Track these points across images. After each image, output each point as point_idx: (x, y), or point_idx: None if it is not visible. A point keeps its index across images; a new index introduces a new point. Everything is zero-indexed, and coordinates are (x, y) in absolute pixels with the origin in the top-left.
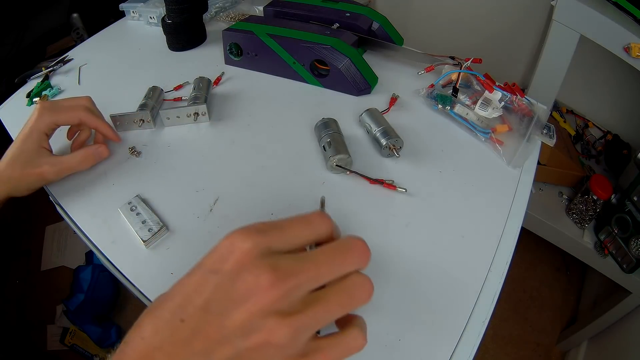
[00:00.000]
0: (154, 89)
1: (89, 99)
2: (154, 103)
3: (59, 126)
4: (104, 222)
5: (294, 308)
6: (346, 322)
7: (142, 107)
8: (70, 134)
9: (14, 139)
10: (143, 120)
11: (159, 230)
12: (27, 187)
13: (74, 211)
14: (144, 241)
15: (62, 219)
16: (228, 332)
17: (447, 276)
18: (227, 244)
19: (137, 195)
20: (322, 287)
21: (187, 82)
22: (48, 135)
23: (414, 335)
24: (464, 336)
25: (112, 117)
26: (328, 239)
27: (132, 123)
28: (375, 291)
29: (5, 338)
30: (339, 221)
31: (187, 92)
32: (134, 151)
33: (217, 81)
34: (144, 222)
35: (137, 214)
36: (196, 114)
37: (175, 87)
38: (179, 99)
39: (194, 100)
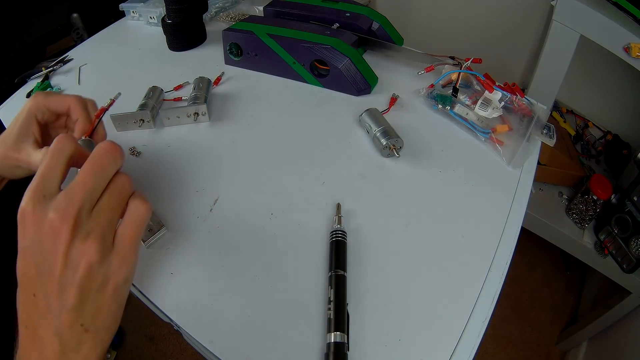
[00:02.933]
0: (154, 88)
1: (88, 99)
2: (154, 103)
3: (50, 112)
4: None
5: (89, 225)
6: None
7: (142, 107)
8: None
9: None
10: (143, 120)
11: (158, 231)
12: (9, 171)
13: None
14: (143, 241)
15: None
16: (62, 278)
17: (447, 276)
18: (19, 216)
19: None
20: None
21: (187, 82)
22: (39, 121)
23: (414, 335)
24: (464, 336)
25: (112, 117)
26: (82, 152)
27: (132, 123)
28: (375, 291)
29: (5, 338)
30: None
31: (187, 92)
32: (134, 151)
33: (217, 81)
34: None
35: None
36: (196, 114)
37: (175, 87)
38: (179, 99)
39: (194, 100)
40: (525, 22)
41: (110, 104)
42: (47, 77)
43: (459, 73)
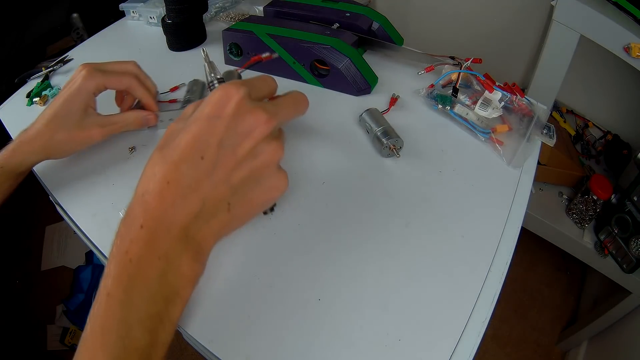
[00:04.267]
0: None
1: (136, 64)
2: None
3: (107, 89)
4: (104, 222)
5: (277, 133)
6: None
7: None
8: (118, 99)
9: (14, 138)
10: None
11: None
12: (71, 150)
13: (74, 211)
14: None
15: (62, 219)
16: (240, 158)
17: (447, 276)
18: (222, 94)
19: None
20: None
21: (183, 83)
22: (95, 96)
23: (414, 335)
24: (464, 336)
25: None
26: (274, 95)
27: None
28: (375, 291)
29: (5, 338)
30: (336, 220)
31: (182, 94)
32: (135, 150)
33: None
34: None
35: None
36: None
37: (171, 89)
38: (174, 101)
39: (186, 103)
40: (525, 22)
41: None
42: (47, 77)
43: (459, 73)
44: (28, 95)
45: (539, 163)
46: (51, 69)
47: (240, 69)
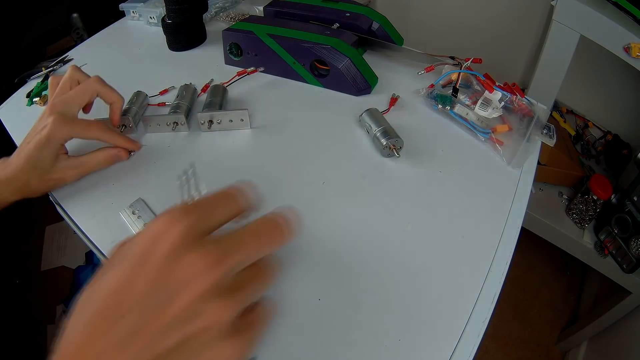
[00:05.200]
0: (138, 93)
1: (98, 80)
2: (137, 108)
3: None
4: (104, 222)
5: (229, 288)
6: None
7: (125, 112)
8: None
9: (14, 138)
10: (125, 126)
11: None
12: (48, 190)
13: (74, 211)
14: None
15: (62, 219)
16: (171, 321)
17: (447, 276)
18: (158, 226)
19: (139, 198)
20: None
21: (173, 86)
22: (65, 143)
23: (414, 335)
24: (464, 336)
25: (98, 121)
26: (249, 211)
27: (116, 128)
28: (375, 291)
29: (6, 338)
30: (339, 222)
31: (172, 97)
32: (134, 153)
33: (205, 88)
34: (144, 223)
35: (139, 216)
36: (175, 123)
37: (160, 92)
38: (163, 104)
39: (175, 109)
40: (525, 22)
41: None
42: (47, 77)
43: (459, 73)
44: (28, 95)
45: (539, 163)
46: (51, 69)
47: (226, 83)
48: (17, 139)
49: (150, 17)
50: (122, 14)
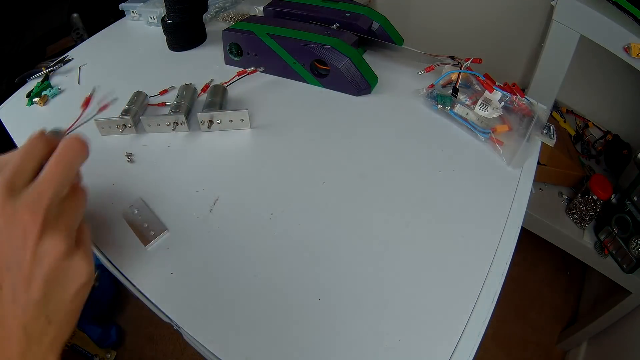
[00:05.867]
0: (138, 93)
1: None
2: (137, 108)
3: None
4: (104, 222)
5: (57, 220)
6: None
7: (125, 112)
8: None
9: (14, 138)
10: (125, 126)
11: (161, 234)
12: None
13: None
14: (144, 244)
15: None
16: (30, 272)
17: (447, 276)
18: None
19: (139, 198)
20: None
21: (173, 86)
22: None
23: (414, 335)
24: (464, 336)
25: (96, 122)
26: (54, 149)
27: (115, 128)
28: (375, 291)
29: None
30: (339, 222)
31: (172, 97)
32: (130, 157)
33: (205, 88)
34: (144, 223)
35: (139, 216)
36: (175, 123)
37: (160, 92)
38: (163, 104)
39: (175, 109)
40: (525, 22)
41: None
42: (47, 77)
43: (459, 73)
44: (28, 95)
45: (539, 163)
46: (51, 69)
47: (226, 83)
48: (17, 139)
49: (150, 17)
50: (122, 14)
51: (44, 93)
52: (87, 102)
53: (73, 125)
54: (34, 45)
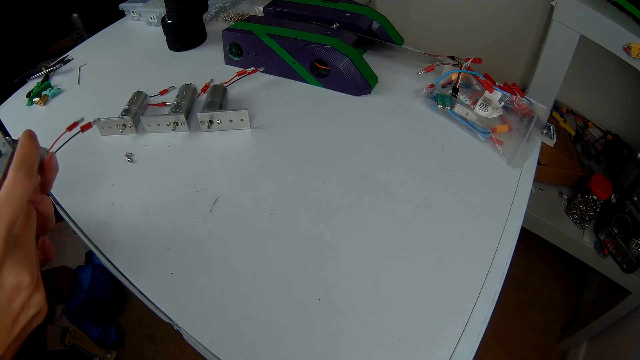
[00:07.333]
0: (138, 93)
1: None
2: (137, 108)
3: None
4: (104, 222)
5: (16, 245)
6: None
7: (125, 112)
8: None
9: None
10: (125, 126)
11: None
12: None
13: (74, 211)
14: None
15: (62, 219)
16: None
17: (447, 276)
18: None
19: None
20: None
21: (173, 86)
22: None
23: (414, 335)
24: (464, 336)
25: (96, 121)
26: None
27: (115, 128)
28: (375, 291)
29: None
30: (339, 222)
31: (172, 97)
32: (130, 157)
33: (205, 88)
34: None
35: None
36: (175, 123)
37: (160, 92)
38: (163, 104)
39: (175, 109)
40: (525, 22)
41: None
42: (47, 77)
43: (459, 73)
44: (28, 95)
45: (539, 163)
46: (51, 69)
47: (226, 83)
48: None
49: (150, 17)
50: (122, 14)
51: (44, 93)
52: (73, 126)
53: (54, 144)
54: (34, 45)
